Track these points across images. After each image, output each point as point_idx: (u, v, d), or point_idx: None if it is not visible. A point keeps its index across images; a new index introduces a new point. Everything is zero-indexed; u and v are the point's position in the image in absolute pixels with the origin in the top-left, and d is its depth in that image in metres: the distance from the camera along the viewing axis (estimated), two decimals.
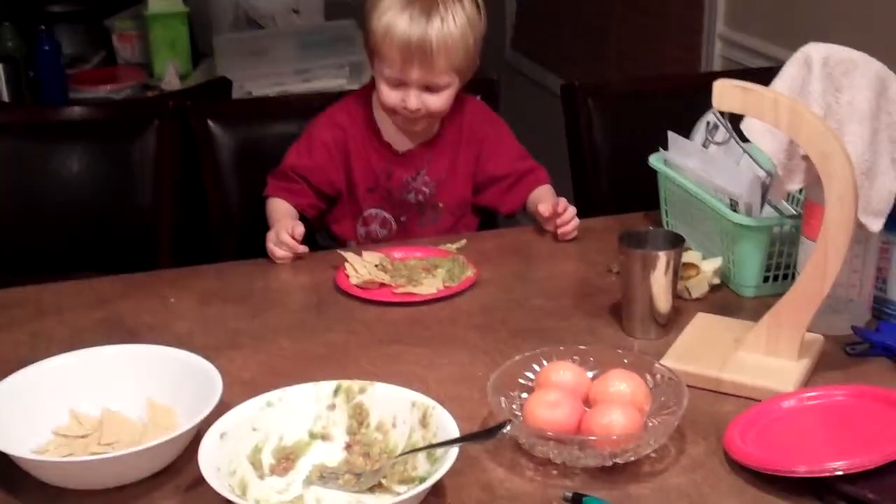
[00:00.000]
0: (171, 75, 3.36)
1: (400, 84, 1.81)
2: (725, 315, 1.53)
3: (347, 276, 1.66)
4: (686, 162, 1.72)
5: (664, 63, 3.11)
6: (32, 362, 1.31)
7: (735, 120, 1.70)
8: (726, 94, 1.32)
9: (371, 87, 1.90)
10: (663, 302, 1.47)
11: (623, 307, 1.51)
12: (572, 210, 1.82)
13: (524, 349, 1.41)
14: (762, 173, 1.60)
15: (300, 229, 1.75)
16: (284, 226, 1.75)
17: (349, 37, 3.39)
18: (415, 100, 1.82)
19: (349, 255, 1.69)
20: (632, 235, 1.50)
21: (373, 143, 1.91)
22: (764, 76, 1.52)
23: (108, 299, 1.64)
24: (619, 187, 2.18)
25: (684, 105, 2.19)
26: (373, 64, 1.86)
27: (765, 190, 1.59)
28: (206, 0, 3.71)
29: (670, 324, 1.50)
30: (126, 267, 1.85)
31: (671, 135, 1.77)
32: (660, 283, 1.46)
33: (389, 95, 1.83)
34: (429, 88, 1.82)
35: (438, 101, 1.83)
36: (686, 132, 1.80)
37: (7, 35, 3.21)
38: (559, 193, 1.96)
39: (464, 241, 1.80)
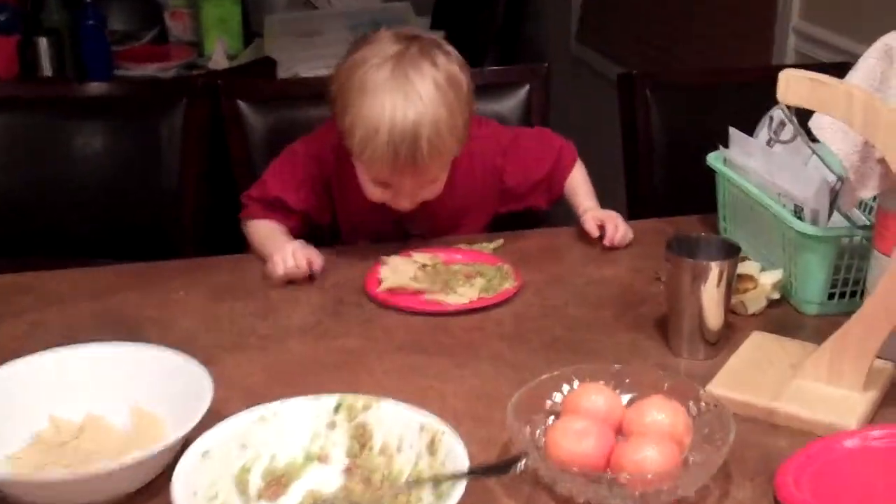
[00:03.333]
0: (219, 55, 3.26)
1: (387, 185, 1.56)
2: (784, 335, 1.37)
3: (380, 280, 1.52)
4: (748, 162, 1.56)
5: (734, 58, 2.93)
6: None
7: (804, 116, 1.55)
8: (793, 85, 1.16)
9: None
10: (714, 318, 1.32)
11: (669, 322, 1.36)
12: (623, 228, 1.65)
13: (556, 365, 1.27)
14: (832, 177, 1.44)
15: (319, 262, 1.54)
16: (302, 253, 1.52)
17: (403, 20, 3.26)
18: (408, 202, 1.56)
19: (392, 258, 1.56)
20: (681, 242, 1.35)
21: (357, 188, 1.60)
22: (841, 71, 1.36)
23: (113, 291, 1.52)
24: (674, 186, 2.02)
25: (749, 99, 2.03)
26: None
27: (834, 196, 1.42)
28: None
29: (721, 342, 1.35)
30: (146, 253, 1.75)
31: (733, 131, 1.61)
32: (711, 297, 1.30)
33: (374, 193, 1.57)
34: (422, 184, 1.56)
35: (434, 190, 1.58)
36: (750, 129, 1.64)
37: (52, 7, 3.12)
38: (612, 189, 1.81)
39: (501, 241, 1.66)
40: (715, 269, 1.29)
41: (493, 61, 4.01)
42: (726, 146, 1.64)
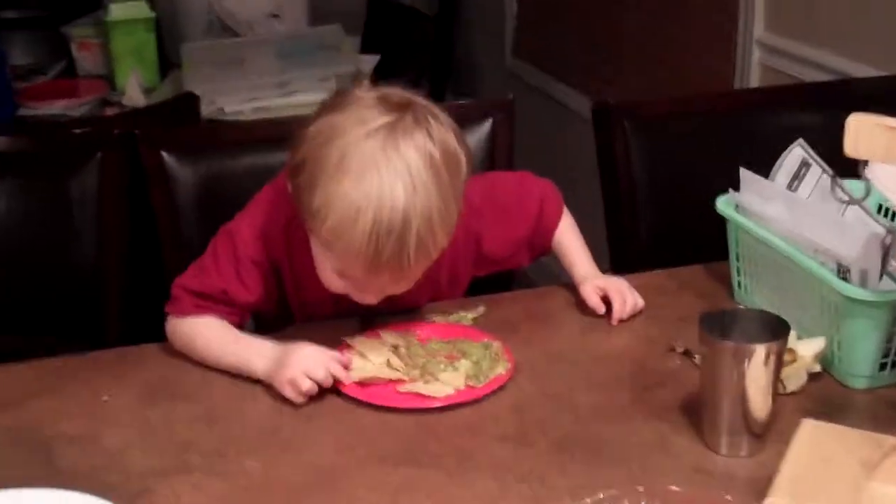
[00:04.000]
0: (133, 89, 2.97)
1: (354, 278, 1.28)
2: (831, 414, 1.16)
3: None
4: (766, 209, 1.35)
5: (691, 72, 2.74)
6: None
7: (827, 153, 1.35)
8: (865, 135, 0.95)
9: None
10: (760, 407, 1.10)
11: (704, 413, 1.13)
12: (631, 300, 1.41)
13: (572, 473, 1.08)
14: (880, 230, 1.22)
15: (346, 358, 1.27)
16: (332, 356, 1.25)
17: (334, 44, 3.01)
18: (374, 299, 1.30)
19: (358, 342, 1.31)
20: (714, 318, 1.13)
21: (315, 276, 1.33)
22: (829, 93, 1.16)
23: (24, 397, 1.25)
24: (663, 229, 1.80)
25: (738, 128, 1.84)
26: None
27: (885, 252, 1.21)
28: (175, 4, 3.33)
29: (765, 433, 1.13)
30: (62, 333, 1.50)
31: (745, 173, 1.40)
32: (758, 384, 1.08)
33: (335, 284, 1.30)
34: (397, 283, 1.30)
35: (406, 287, 1.32)
36: (747, 162, 1.42)
37: None
38: (590, 235, 1.59)
39: (482, 309, 1.43)
40: (762, 351, 1.07)
41: (428, 80, 3.80)
42: (730, 184, 1.43)
